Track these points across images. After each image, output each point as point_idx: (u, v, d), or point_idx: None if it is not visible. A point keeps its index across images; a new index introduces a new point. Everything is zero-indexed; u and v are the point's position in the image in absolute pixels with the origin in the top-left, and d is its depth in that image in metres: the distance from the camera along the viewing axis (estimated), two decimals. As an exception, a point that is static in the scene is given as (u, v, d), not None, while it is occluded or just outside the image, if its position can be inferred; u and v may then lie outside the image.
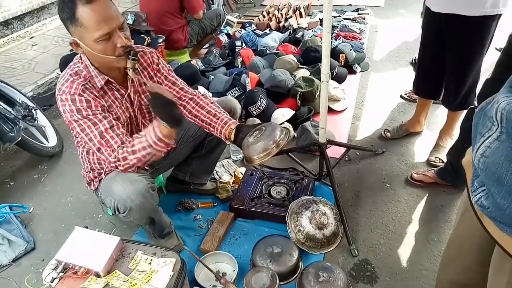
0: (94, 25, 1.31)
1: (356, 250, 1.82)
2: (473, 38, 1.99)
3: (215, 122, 1.64)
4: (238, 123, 1.64)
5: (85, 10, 1.30)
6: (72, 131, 1.51)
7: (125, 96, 1.56)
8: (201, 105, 1.69)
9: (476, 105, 2.09)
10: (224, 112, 1.69)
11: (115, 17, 1.36)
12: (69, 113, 1.41)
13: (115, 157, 1.43)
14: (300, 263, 1.74)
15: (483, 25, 1.93)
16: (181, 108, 1.71)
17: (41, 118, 2.68)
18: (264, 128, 1.55)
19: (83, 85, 1.43)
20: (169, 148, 1.46)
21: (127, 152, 1.42)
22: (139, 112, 1.65)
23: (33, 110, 2.55)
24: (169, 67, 1.72)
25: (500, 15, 1.92)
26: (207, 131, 1.71)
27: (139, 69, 1.59)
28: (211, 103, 1.70)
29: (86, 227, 1.49)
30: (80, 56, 1.47)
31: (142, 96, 1.63)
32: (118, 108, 1.54)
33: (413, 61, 3.53)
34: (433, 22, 2.11)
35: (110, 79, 1.49)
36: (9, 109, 2.39)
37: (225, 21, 4.04)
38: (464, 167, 0.93)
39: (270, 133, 1.51)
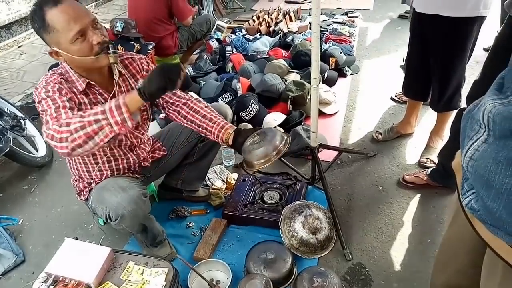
0: (65, 25, 1.31)
1: (350, 254, 1.82)
2: (455, 40, 2.01)
3: (211, 127, 1.62)
4: (236, 127, 1.63)
5: (53, 13, 1.30)
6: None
7: (108, 99, 1.52)
8: (196, 109, 1.66)
9: (464, 106, 2.12)
10: (219, 115, 1.67)
11: (85, 14, 1.35)
12: (38, 95, 1.36)
13: (59, 124, 1.24)
14: (294, 268, 1.73)
15: (465, 27, 1.95)
16: (176, 113, 1.69)
17: (30, 128, 2.65)
18: (265, 133, 1.54)
19: (62, 78, 1.41)
20: (123, 129, 1.24)
21: (74, 116, 1.25)
22: None
23: (21, 120, 2.52)
24: None
25: (483, 17, 1.93)
26: (203, 135, 1.69)
27: (126, 76, 1.58)
28: (205, 107, 1.69)
29: (77, 238, 1.47)
30: (61, 62, 1.46)
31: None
32: None
33: (403, 62, 3.56)
34: (418, 23, 2.13)
35: (91, 82, 1.47)
36: (-3, 119, 2.36)
37: (215, 27, 4.05)
38: (454, 169, 0.93)
39: (271, 139, 1.50)
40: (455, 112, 2.18)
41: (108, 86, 1.54)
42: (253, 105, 2.71)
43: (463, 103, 2.17)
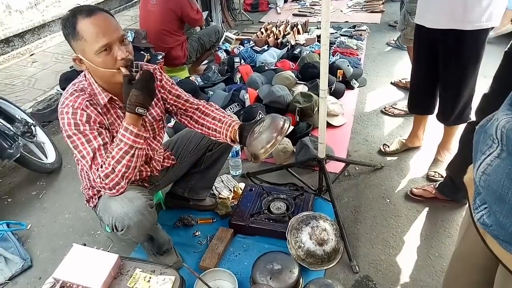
0: (93, 37, 1.33)
1: (357, 266, 1.80)
2: (469, 52, 2.01)
3: (220, 127, 1.64)
4: (241, 123, 1.64)
5: (85, 23, 1.33)
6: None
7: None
8: (206, 113, 1.70)
9: (472, 119, 2.11)
10: (228, 115, 1.69)
11: (115, 29, 1.37)
12: (67, 127, 1.39)
13: (99, 176, 1.39)
14: (301, 280, 1.72)
15: (479, 39, 1.96)
16: (188, 119, 1.73)
17: (40, 135, 2.68)
18: (263, 121, 1.53)
19: (87, 100, 1.42)
20: (143, 143, 1.44)
21: (110, 164, 1.38)
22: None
23: (32, 127, 2.55)
24: (172, 81, 1.73)
25: (492, 27, 1.95)
26: (214, 138, 1.70)
27: None
28: (216, 109, 1.71)
29: (84, 245, 1.48)
30: (85, 74, 1.48)
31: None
32: (119, 127, 1.53)
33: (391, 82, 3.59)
34: (426, 39, 2.13)
35: (113, 97, 1.49)
36: (9, 125, 2.39)
37: (223, 38, 4.10)
38: (465, 184, 0.93)
39: (270, 123, 1.49)
40: (463, 125, 2.18)
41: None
42: (260, 115, 2.73)
43: (472, 116, 2.17)
